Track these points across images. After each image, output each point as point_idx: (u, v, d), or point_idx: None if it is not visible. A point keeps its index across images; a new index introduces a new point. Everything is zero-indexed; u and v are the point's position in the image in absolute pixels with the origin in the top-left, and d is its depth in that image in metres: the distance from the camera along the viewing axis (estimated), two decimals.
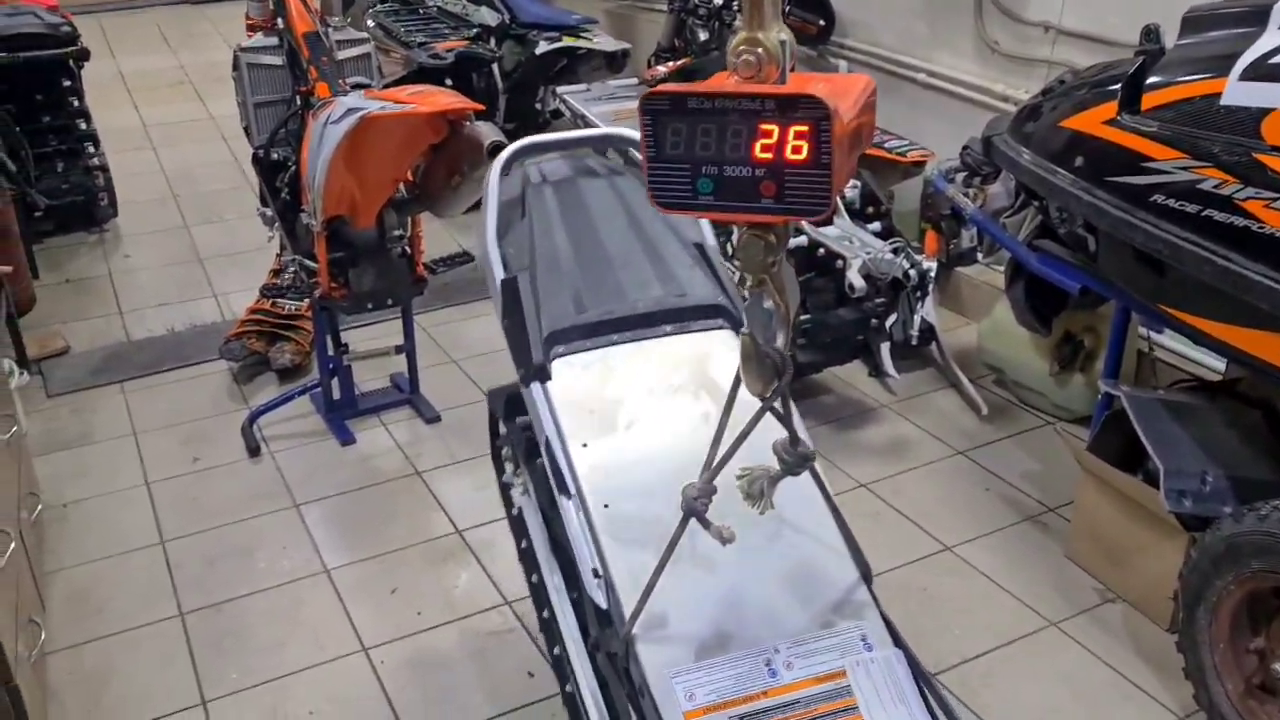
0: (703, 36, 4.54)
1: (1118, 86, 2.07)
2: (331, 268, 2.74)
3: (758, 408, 1.15)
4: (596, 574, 1.31)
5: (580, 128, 4.10)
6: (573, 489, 1.36)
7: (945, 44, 3.77)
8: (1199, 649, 2.05)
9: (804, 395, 3.23)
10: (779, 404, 1.16)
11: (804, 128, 0.97)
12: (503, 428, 1.82)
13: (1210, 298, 1.94)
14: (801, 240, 2.99)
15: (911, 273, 2.96)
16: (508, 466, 1.90)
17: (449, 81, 4.50)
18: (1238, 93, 1.84)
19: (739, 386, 1.17)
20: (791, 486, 1.23)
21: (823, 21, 4.10)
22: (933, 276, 3.01)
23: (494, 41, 4.79)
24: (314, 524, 2.73)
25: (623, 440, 1.40)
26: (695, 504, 1.18)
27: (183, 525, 2.72)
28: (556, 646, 1.74)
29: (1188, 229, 1.91)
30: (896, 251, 2.97)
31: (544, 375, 1.45)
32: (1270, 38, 1.84)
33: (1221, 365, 2.72)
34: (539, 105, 5.10)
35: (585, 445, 1.39)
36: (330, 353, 3.06)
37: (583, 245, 1.60)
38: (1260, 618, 2.00)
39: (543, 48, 4.66)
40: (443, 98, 2.48)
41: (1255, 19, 1.89)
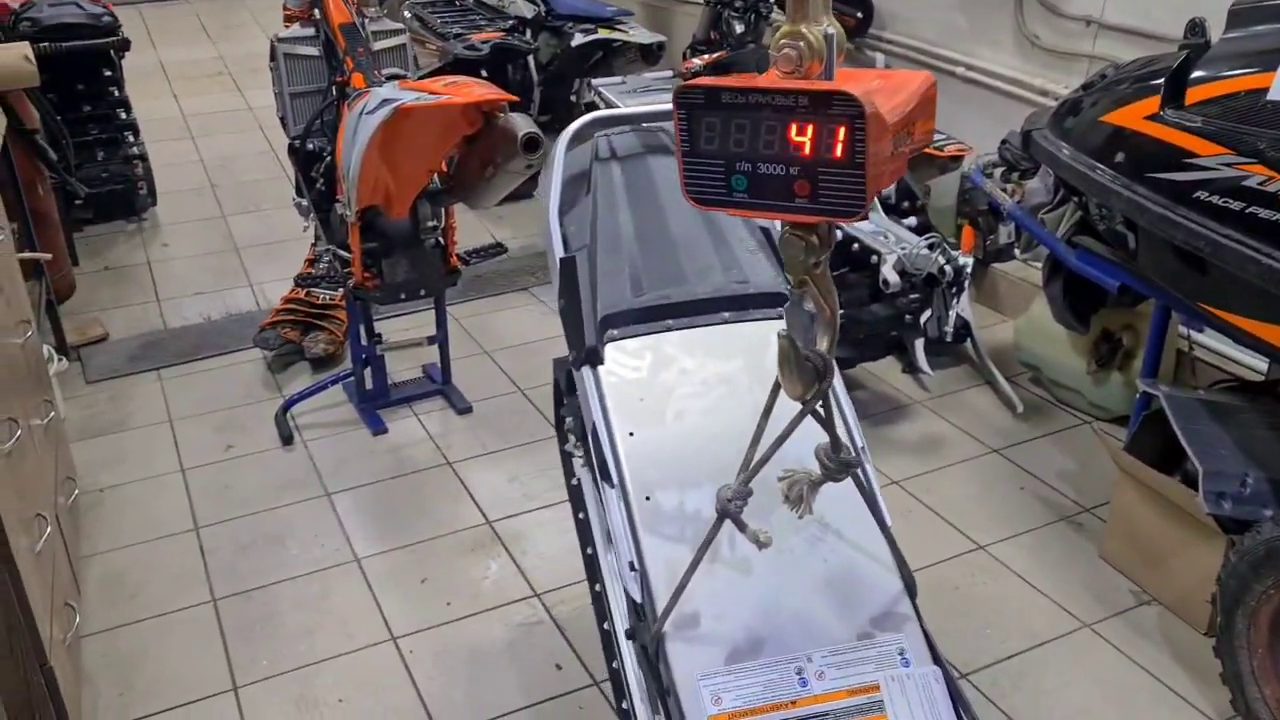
0: (739, 29, 4.51)
1: (1161, 81, 2.04)
2: (365, 258, 2.75)
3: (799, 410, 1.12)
4: (633, 567, 1.29)
5: None
6: (615, 479, 1.33)
7: (985, 37, 3.73)
8: (1237, 654, 2.02)
9: None
10: (820, 407, 1.12)
11: (839, 126, 0.92)
12: (566, 398, 1.77)
13: (1253, 297, 1.90)
14: (836, 235, 2.96)
15: (947, 269, 2.93)
16: (570, 436, 1.85)
17: (484, 73, 4.51)
18: None
19: (780, 389, 1.13)
20: (841, 492, 1.19)
21: (861, 14, 4.06)
22: (969, 273, 2.98)
23: (530, 33, 4.79)
24: (345, 513, 2.74)
25: (670, 431, 1.36)
26: (730, 506, 1.16)
27: (216, 512, 2.75)
28: (605, 622, 1.72)
29: (1231, 226, 1.87)
30: (932, 247, 2.93)
31: (595, 359, 1.41)
32: None
33: (1263, 365, 2.68)
34: (574, 97, 5.10)
35: (631, 434, 1.36)
36: (363, 343, 3.08)
37: (646, 225, 1.55)
38: None
39: (578, 40, 4.66)
40: (477, 89, 2.48)
41: None
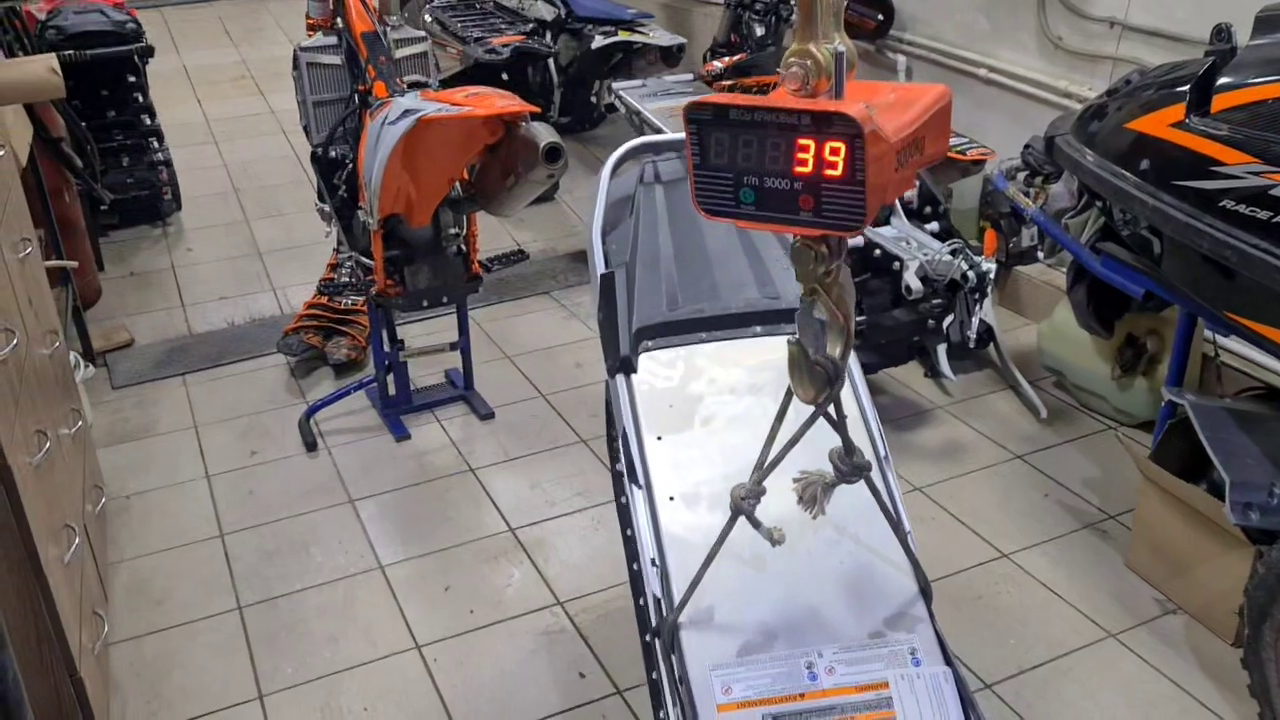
0: (759, 31, 4.51)
1: (1186, 88, 2.02)
2: (387, 265, 2.77)
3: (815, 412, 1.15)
4: (654, 563, 1.34)
5: (636, 123, 4.09)
6: (642, 479, 1.40)
7: (1007, 39, 3.71)
8: (1264, 666, 2.00)
9: None
10: (833, 411, 1.15)
11: (839, 144, 0.96)
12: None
13: None
14: (858, 241, 2.95)
15: (970, 274, 2.91)
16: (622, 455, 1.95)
17: (505, 77, 4.52)
18: None
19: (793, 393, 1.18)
20: (863, 497, 1.23)
21: (881, 16, 4.05)
22: (991, 278, 2.96)
23: (550, 36, 4.80)
24: (369, 519, 2.76)
25: (697, 436, 1.43)
26: (743, 504, 1.20)
27: (241, 518, 2.77)
28: (648, 634, 1.77)
29: (1258, 235, 1.85)
30: (955, 253, 2.92)
31: (629, 368, 1.49)
32: None
33: None
34: (594, 100, 5.12)
35: (660, 438, 1.43)
36: (386, 349, 3.09)
37: (685, 244, 1.64)
38: None
39: (598, 42, 4.67)
40: (499, 100, 2.48)
41: None
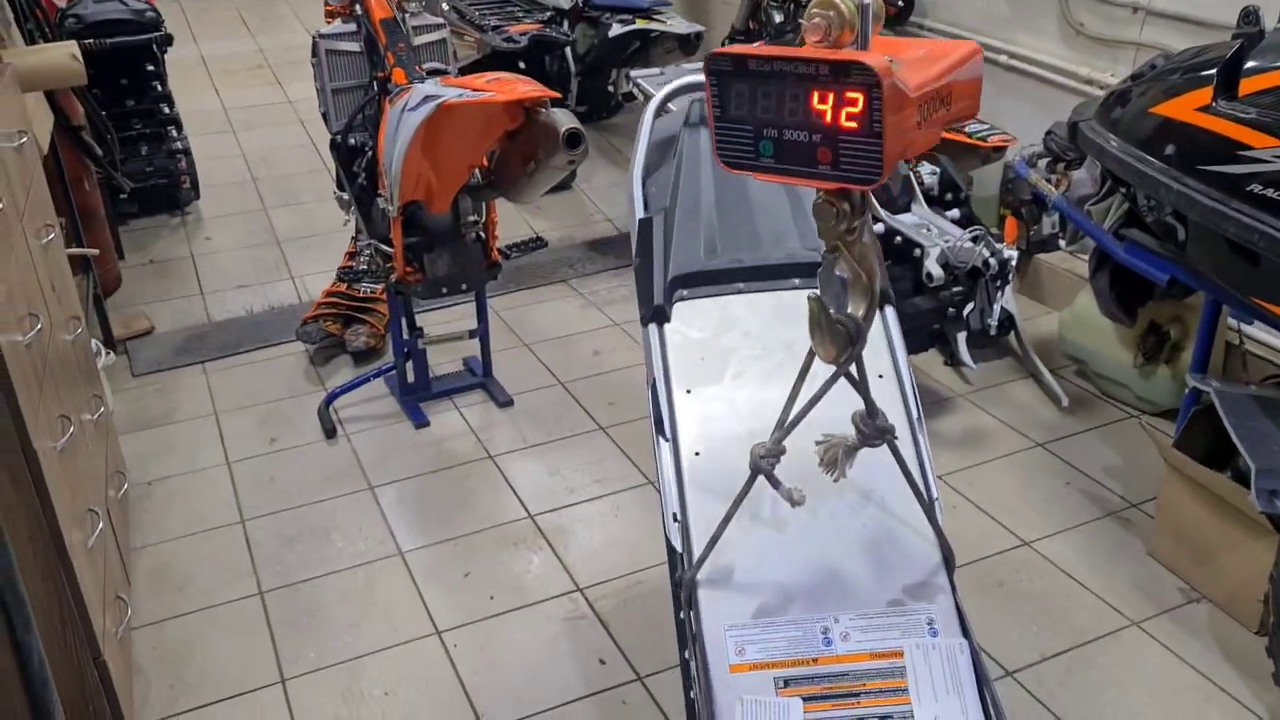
0: (778, 19, 4.49)
1: (1213, 72, 2.00)
2: (406, 252, 2.76)
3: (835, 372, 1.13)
4: (676, 518, 1.32)
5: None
6: (669, 432, 1.37)
7: (1028, 25, 3.68)
8: None
9: None
10: (854, 371, 1.13)
11: (857, 94, 0.95)
12: None
13: None
14: (879, 228, 2.94)
15: (991, 261, 2.89)
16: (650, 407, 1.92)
17: (522, 65, 4.51)
18: None
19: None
20: (890, 462, 1.21)
21: (902, 2, 4.02)
22: (1013, 265, 2.94)
23: (567, 24, 4.79)
24: (388, 506, 2.77)
25: (726, 390, 1.40)
26: (762, 463, 1.19)
27: (261, 505, 2.78)
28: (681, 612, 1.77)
29: None
30: (976, 240, 2.90)
31: (662, 317, 1.45)
32: None
33: None
34: (611, 88, 5.10)
35: (689, 391, 1.40)
36: (405, 336, 3.09)
37: (727, 191, 1.58)
38: None
39: (615, 30, 4.65)
40: (520, 86, 2.48)
41: None
